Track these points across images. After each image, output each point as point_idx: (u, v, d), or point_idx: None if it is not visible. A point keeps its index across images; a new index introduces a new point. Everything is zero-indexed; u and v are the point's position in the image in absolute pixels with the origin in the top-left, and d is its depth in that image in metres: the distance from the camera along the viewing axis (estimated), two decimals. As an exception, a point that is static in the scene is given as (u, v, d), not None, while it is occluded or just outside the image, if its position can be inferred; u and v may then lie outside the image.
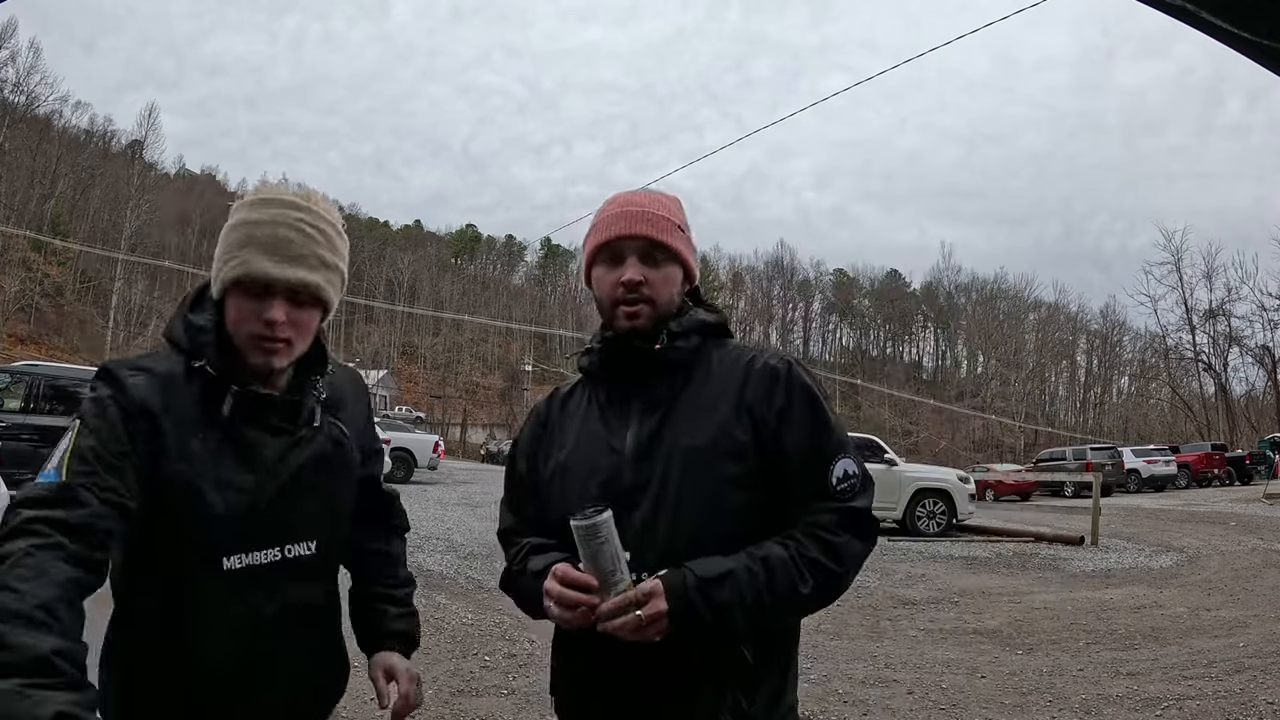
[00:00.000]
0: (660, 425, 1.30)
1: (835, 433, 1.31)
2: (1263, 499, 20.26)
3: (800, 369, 1.33)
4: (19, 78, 53.00)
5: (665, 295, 1.34)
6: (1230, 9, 1.10)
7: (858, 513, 1.28)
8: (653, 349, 1.32)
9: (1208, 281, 49.83)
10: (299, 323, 1.28)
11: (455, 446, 43.07)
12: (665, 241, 1.34)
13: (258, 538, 1.27)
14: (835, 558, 1.24)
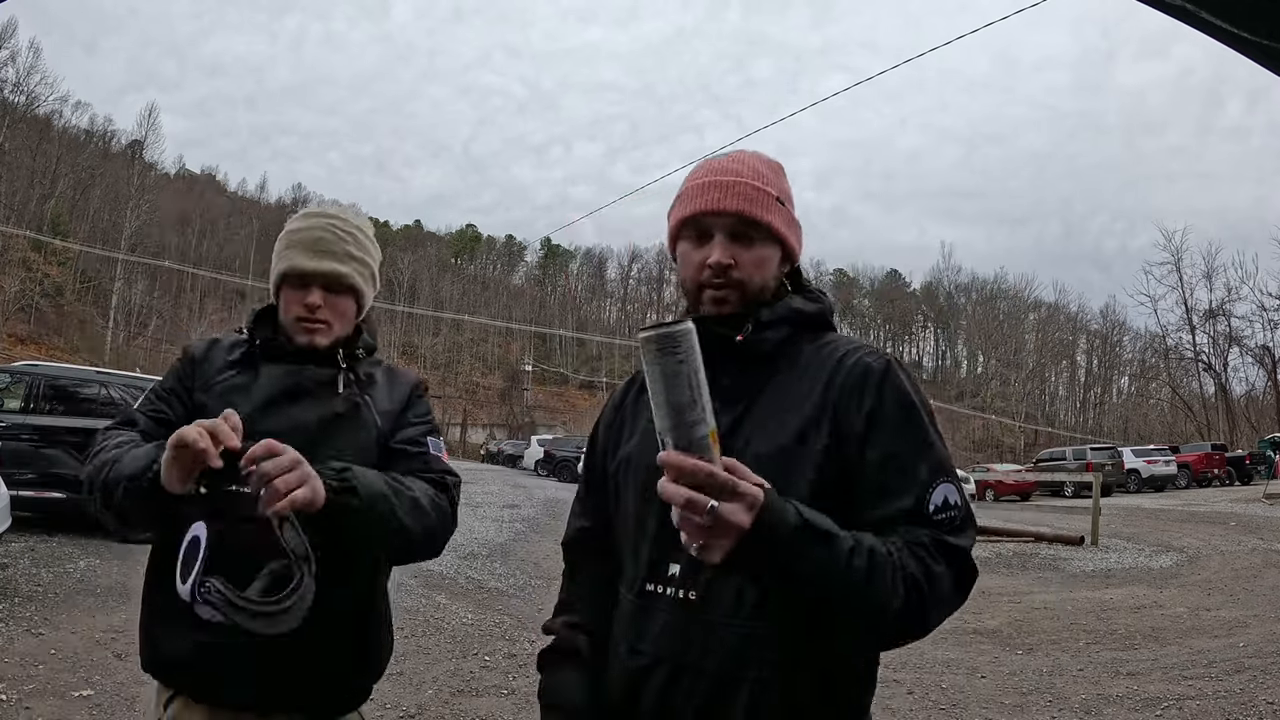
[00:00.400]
0: (734, 425, 1.11)
1: (939, 451, 1.09)
2: (1263, 499, 20.25)
3: (901, 370, 1.13)
4: (19, 78, 53.01)
5: (757, 280, 1.16)
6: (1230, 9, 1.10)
7: (958, 551, 1.03)
8: (734, 338, 1.14)
9: (1208, 281, 49.84)
10: (335, 307, 1.52)
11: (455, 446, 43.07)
12: (760, 218, 1.15)
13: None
14: (933, 586, 1.00)
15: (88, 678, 4.10)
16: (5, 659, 4.29)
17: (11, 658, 4.32)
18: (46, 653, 4.44)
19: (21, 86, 53.14)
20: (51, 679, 4.05)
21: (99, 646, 4.60)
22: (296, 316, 1.50)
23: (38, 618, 5.10)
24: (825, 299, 1.24)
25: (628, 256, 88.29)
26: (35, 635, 4.75)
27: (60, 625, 4.97)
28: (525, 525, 12.20)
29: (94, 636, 4.78)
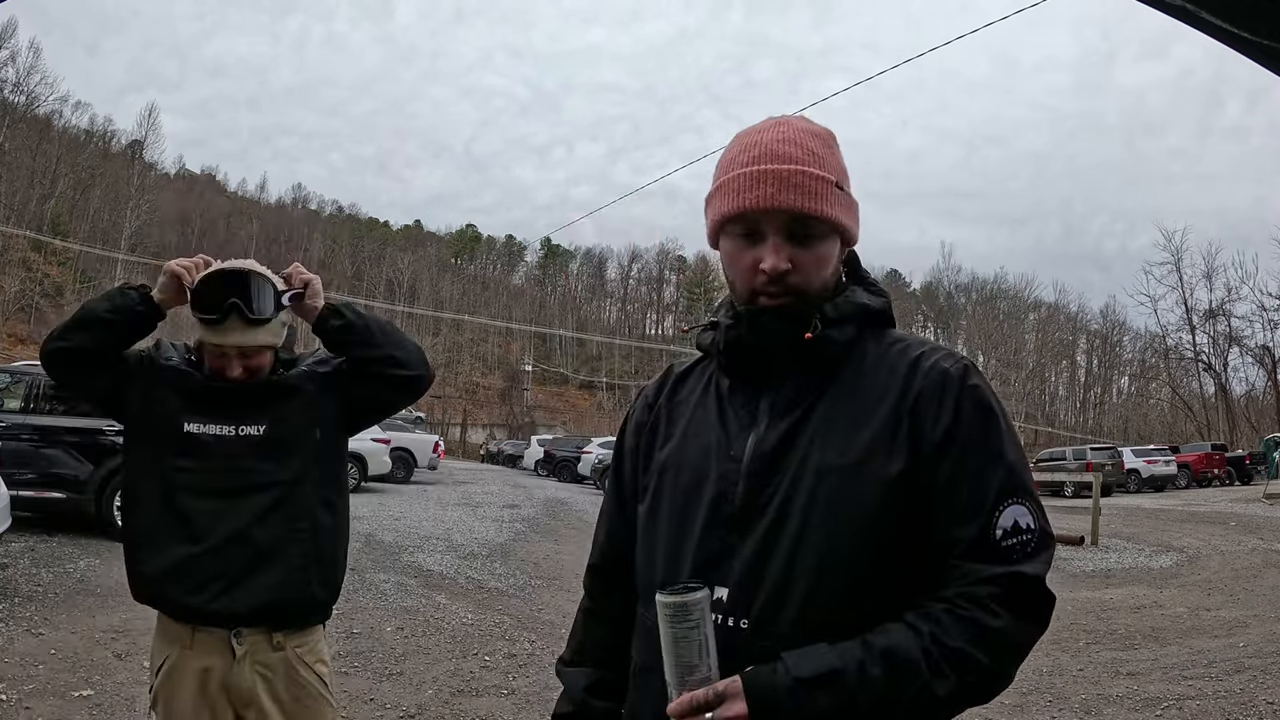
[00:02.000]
0: (793, 433, 1.00)
1: (1011, 468, 0.96)
2: (1263, 499, 20.25)
3: (980, 377, 1.01)
4: (19, 78, 53.00)
5: (818, 281, 1.03)
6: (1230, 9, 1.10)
7: (1026, 581, 0.93)
8: (801, 338, 1.01)
9: (1208, 281, 49.78)
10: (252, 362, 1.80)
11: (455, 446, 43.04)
12: (819, 214, 1.00)
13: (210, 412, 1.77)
14: (989, 647, 0.91)
15: (88, 678, 4.10)
16: (5, 659, 4.29)
17: (11, 658, 4.32)
18: (46, 653, 4.44)
19: (21, 86, 53.16)
20: (51, 679, 4.05)
21: (99, 646, 4.60)
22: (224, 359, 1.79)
23: (38, 618, 5.10)
24: (885, 291, 1.12)
25: (628, 256, 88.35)
26: (35, 635, 4.75)
27: (60, 625, 4.97)
28: (525, 525, 12.20)
29: (94, 636, 4.78)
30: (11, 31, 51.40)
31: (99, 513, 7.88)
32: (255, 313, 1.72)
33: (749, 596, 0.97)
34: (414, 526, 10.93)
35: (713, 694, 0.89)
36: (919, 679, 0.89)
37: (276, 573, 1.72)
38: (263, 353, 1.79)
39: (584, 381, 77.14)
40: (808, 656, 0.90)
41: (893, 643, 0.91)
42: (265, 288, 1.75)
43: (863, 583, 0.95)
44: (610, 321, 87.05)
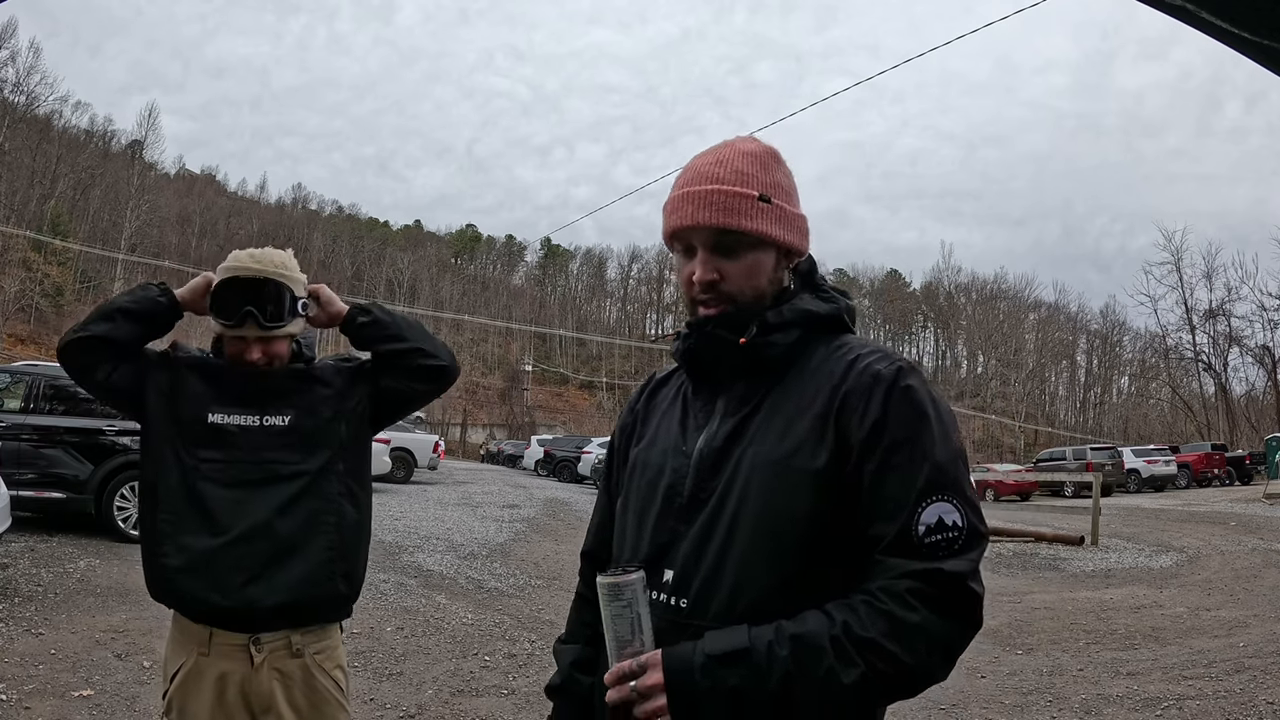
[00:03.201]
0: (738, 431, 1.09)
1: (937, 466, 1.00)
2: (1263, 499, 20.25)
3: (916, 378, 1.05)
4: (19, 78, 52.98)
5: (749, 290, 1.11)
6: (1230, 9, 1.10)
7: (947, 579, 0.95)
8: (736, 342, 1.10)
9: (1208, 281, 49.72)
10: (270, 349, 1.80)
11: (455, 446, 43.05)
12: (739, 228, 1.08)
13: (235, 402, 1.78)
14: (904, 640, 0.94)
15: (88, 678, 4.10)
16: (5, 659, 4.28)
17: (11, 658, 4.32)
18: (46, 653, 4.44)
19: (21, 86, 53.14)
20: (51, 679, 4.05)
21: (99, 646, 4.60)
22: (241, 363, 1.80)
23: (38, 618, 5.10)
24: (840, 299, 1.18)
25: (628, 256, 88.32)
26: (35, 635, 4.75)
27: (60, 625, 4.97)
28: (525, 525, 12.20)
29: (94, 636, 4.78)
30: (11, 31, 51.42)
31: (99, 513, 7.88)
32: (269, 319, 1.75)
33: (689, 579, 1.05)
34: (414, 526, 10.93)
35: (637, 665, 0.99)
36: (824, 664, 0.94)
37: (300, 566, 1.70)
38: (281, 341, 1.81)
39: (584, 381, 77.12)
40: (723, 635, 0.98)
41: (805, 629, 0.96)
42: (280, 293, 1.77)
43: (791, 571, 1.01)
44: (610, 321, 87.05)
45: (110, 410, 8.29)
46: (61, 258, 54.68)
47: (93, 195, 59.97)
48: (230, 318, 1.74)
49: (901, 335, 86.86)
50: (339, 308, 1.89)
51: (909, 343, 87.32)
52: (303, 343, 1.91)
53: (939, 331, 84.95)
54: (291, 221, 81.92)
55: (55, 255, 53.74)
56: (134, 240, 58.13)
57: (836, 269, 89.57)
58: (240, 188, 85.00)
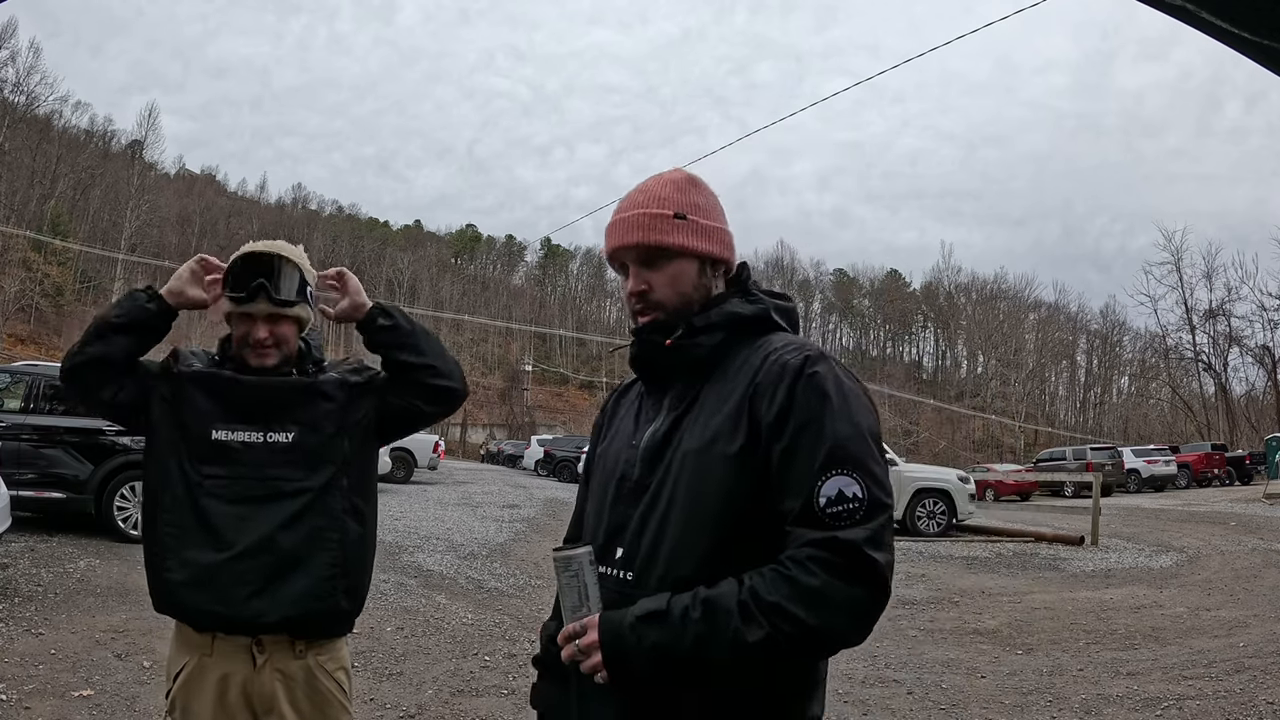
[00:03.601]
0: (675, 425, 1.22)
1: (838, 442, 1.10)
2: (1263, 499, 20.25)
3: (824, 365, 1.15)
4: (19, 78, 52.97)
5: (673, 296, 1.25)
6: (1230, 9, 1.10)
7: (845, 546, 1.05)
8: (664, 344, 1.25)
9: (1208, 281, 49.73)
10: (279, 334, 1.81)
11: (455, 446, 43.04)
12: (657, 242, 1.24)
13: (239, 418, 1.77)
14: (805, 602, 1.04)
15: (88, 678, 4.10)
16: (5, 659, 4.28)
17: (11, 658, 4.32)
18: (46, 653, 4.44)
19: (21, 86, 53.13)
20: (51, 679, 4.05)
21: (99, 646, 4.60)
22: (247, 344, 1.80)
23: (38, 618, 5.10)
24: (769, 300, 1.28)
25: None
26: (35, 635, 4.75)
27: (60, 625, 4.97)
28: (525, 525, 12.20)
29: (94, 636, 4.78)
30: (11, 31, 51.42)
31: (99, 513, 7.88)
32: (280, 293, 1.75)
33: (634, 556, 1.19)
34: (414, 526, 10.93)
35: (580, 626, 1.14)
36: (731, 624, 1.05)
37: (302, 581, 1.71)
38: (289, 322, 1.81)
39: (584, 381, 77.11)
40: (649, 600, 1.12)
41: (717, 593, 1.08)
42: (292, 274, 1.78)
43: (717, 545, 1.13)
44: (610, 321, 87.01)
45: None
46: (61, 258, 54.69)
47: (93, 195, 59.96)
48: (242, 290, 1.74)
49: (901, 335, 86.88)
50: (363, 299, 1.89)
51: (909, 342, 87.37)
52: (311, 342, 1.91)
53: (939, 331, 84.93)
54: (291, 221, 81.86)
55: (55, 255, 53.74)
56: (134, 240, 58.11)
57: (836, 269, 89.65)
58: (240, 188, 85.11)
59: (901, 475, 13.39)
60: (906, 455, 24.75)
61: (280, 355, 1.81)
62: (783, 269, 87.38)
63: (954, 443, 64.37)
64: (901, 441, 55.04)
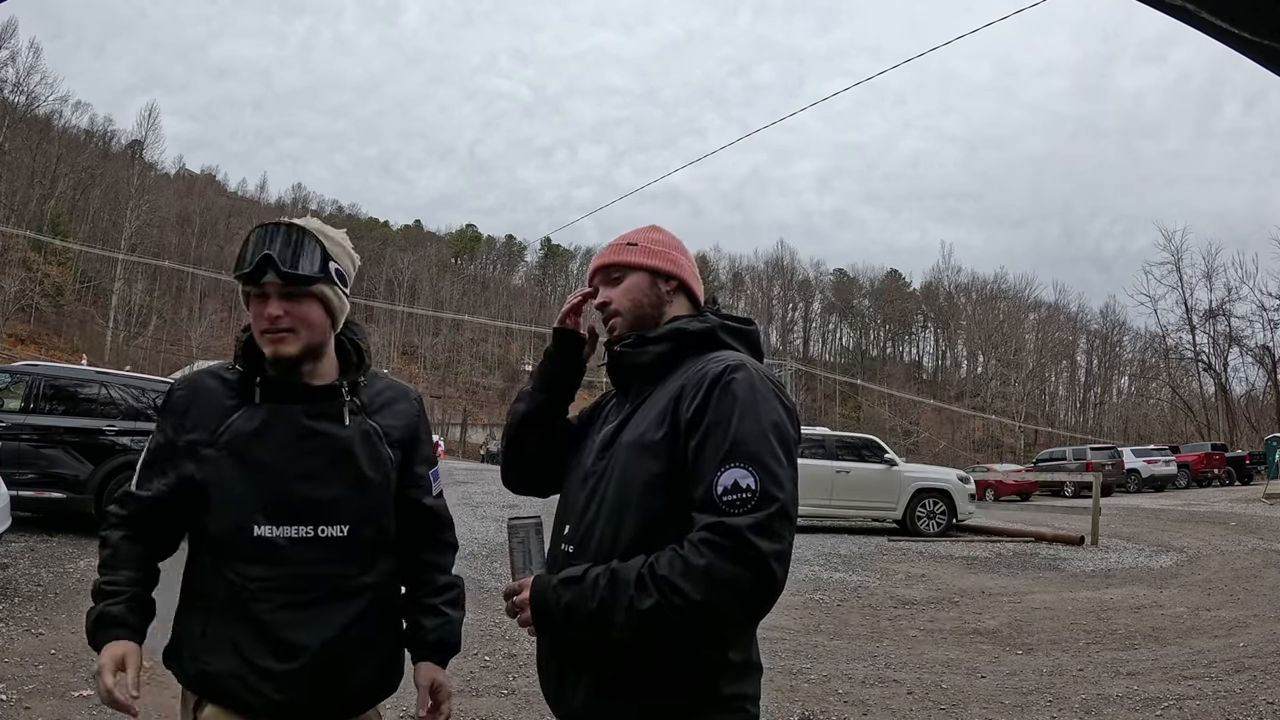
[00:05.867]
0: (621, 423, 1.41)
1: (738, 439, 1.22)
2: (1263, 499, 20.25)
3: (742, 372, 1.29)
4: (19, 78, 52.97)
5: (627, 303, 1.47)
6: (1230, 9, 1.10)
7: (730, 530, 1.17)
8: (613, 350, 1.48)
9: (1208, 281, 49.74)
10: (298, 314, 1.51)
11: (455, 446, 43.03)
12: (613, 260, 1.50)
13: (285, 512, 1.49)
14: (691, 579, 1.17)
15: (88, 678, 4.10)
16: (5, 659, 4.29)
17: (11, 658, 4.32)
18: (46, 653, 4.44)
19: (21, 86, 53.13)
20: (51, 679, 4.06)
21: (99, 646, 4.60)
22: (260, 329, 1.51)
23: (38, 618, 5.10)
24: (715, 320, 1.45)
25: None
26: (35, 635, 4.75)
27: (60, 625, 4.97)
28: (525, 525, 12.21)
29: (94, 636, 4.78)
30: (11, 31, 51.42)
31: (99, 513, 7.88)
32: (289, 265, 1.46)
33: (576, 531, 1.38)
34: (414, 526, 10.93)
35: (518, 585, 1.35)
36: (627, 593, 1.21)
37: (366, 673, 1.57)
38: (312, 302, 1.50)
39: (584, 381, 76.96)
40: (572, 568, 1.30)
41: (623, 566, 1.24)
42: (313, 247, 1.50)
43: (641, 526, 1.29)
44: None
45: (110, 410, 8.31)
46: (61, 258, 54.68)
47: (93, 195, 59.95)
48: (246, 266, 1.48)
49: (901, 335, 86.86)
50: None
51: (909, 343, 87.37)
52: (356, 333, 1.64)
53: (939, 331, 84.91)
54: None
55: (55, 255, 53.74)
56: (134, 240, 58.10)
57: (837, 269, 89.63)
58: (240, 188, 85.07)
59: (901, 475, 13.39)
60: (906, 455, 24.72)
61: (300, 343, 1.50)
62: (783, 269, 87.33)
63: (954, 443, 64.36)
64: (901, 441, 54.98)
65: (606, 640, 1.25)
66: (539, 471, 1.65)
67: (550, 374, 1.65)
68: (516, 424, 1.66)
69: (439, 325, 75.70)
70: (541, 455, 1.62)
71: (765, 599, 1.20)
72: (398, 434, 1.64)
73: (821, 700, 4.49)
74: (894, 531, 13.19)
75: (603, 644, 1.26)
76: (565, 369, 1.63)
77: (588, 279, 1.56)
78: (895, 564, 9.83)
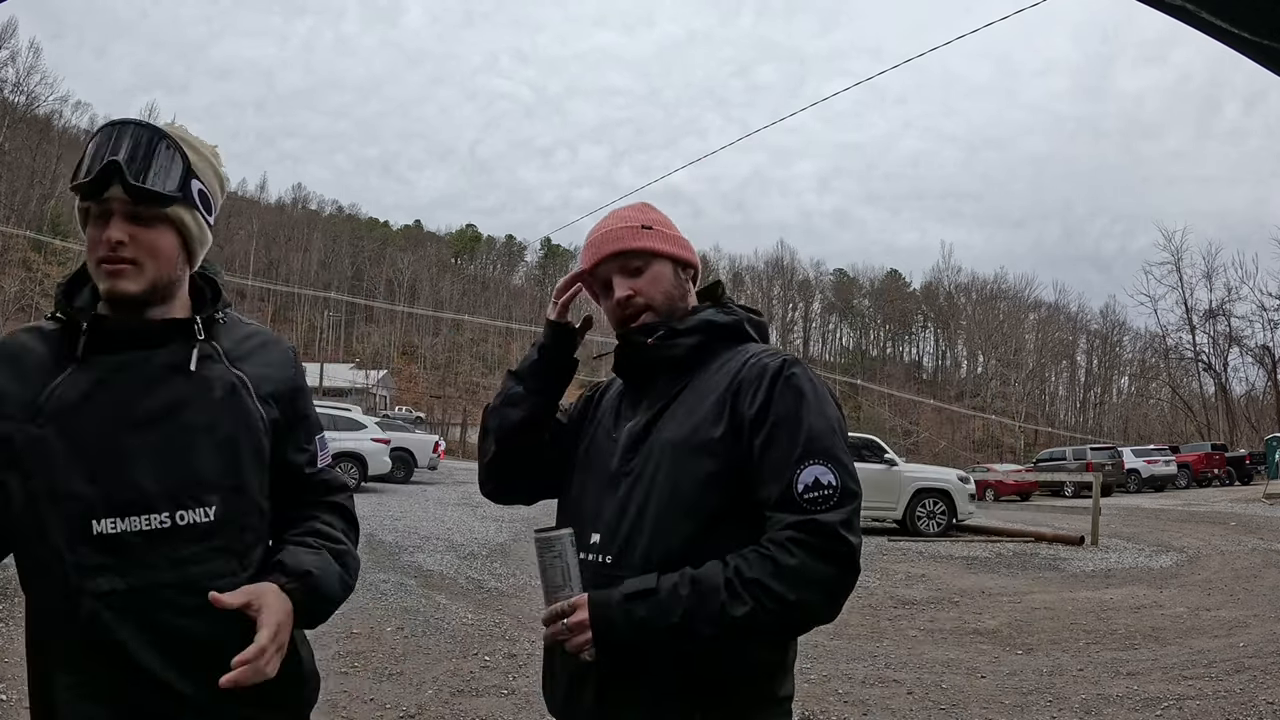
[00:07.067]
0: (654, 419, 1.31)
1: (812, 434, 1.20)
2: (1263, 499, 20.25)
3: (798, 368, 1.26)
4: (19, 78, 52.99)
5: (658, 295, 1.37)
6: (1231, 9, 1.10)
7: (821, 528, 1.15)
8: (645, 344, 1.35)
9: (1208, 281, 49.85)
10: (143, 242, 1.17)
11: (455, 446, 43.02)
12: (636, 247, 1.37)
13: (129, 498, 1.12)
14: (785, 580, 1.13)
15: None
16: (5, 659, 4.28)
17: (11, 658, 4.31)
18: (46, 653, 4.44)
19: (21, 86, 53.16)
20: (51, 679, 4.05)
21: (99, 646, 4.60)
22: (97, 258, 1.16)
23: (38, 618, 5.10)
24: (743, 313, 1.40)
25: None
26: (35, 635, 4.75)
27: (60, 625, 4.97)
28: (525, 525, 12.19)
29: (94, 636, 4.77)
30: (11, 31, 51.45)
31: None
32: (137, 178, 1.14)
33: (612, 539, 1.26)
34: (414, 526, 10.93)
35: (567, 605, 1.20)
36: (717, 600, 1.13)
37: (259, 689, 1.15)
38: (164, 227, 1.18)
39: (584, 381, 76.95)
40: (637, 580, 1.18)
41: (703, 572, 1.16)
42: (172, 157, 1.18)
43: (695, 529, 1.21)
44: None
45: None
46: (61, 258, 54.67)
47: (93, 195, 59.93)
48: (87, 175, 1.14)
49: (901, 335, 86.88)
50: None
51: (909, 343, 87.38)
52: (210, 269, 1.33)
53: (939, 331, 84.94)
54: (291, 221, 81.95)
55: (55, 255, 53.74)
56: (134, 240, 58.07)
57: (836, 269, 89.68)
58: (240, 187, 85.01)
59: (901, 475, 13.39)
60: (906, 455, 24.72)
61: (145, 279, 1.17)
62: (783, 269, 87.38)
63: (954, 443, 64.37)
64: (901, 441, 54.98)
65: (677, 655, 1.18)
66: (528, 479, 1.47)
67: (545, 372, 1.44)
68: (511, 432, 1.42)
69: (439, 325, 75.76)
70: (532, 462, 1.45)
71: (847, 594, 1.19)
72: (270, 386, 1.27)
73: (821, 700, 4.49)
74: (894, 531, 13.18)
75: (661, 654, 1.19)
76: (562, 365, 1.46)
77: (590, 268, 1.39)
78: (895, 564, 9.83)
